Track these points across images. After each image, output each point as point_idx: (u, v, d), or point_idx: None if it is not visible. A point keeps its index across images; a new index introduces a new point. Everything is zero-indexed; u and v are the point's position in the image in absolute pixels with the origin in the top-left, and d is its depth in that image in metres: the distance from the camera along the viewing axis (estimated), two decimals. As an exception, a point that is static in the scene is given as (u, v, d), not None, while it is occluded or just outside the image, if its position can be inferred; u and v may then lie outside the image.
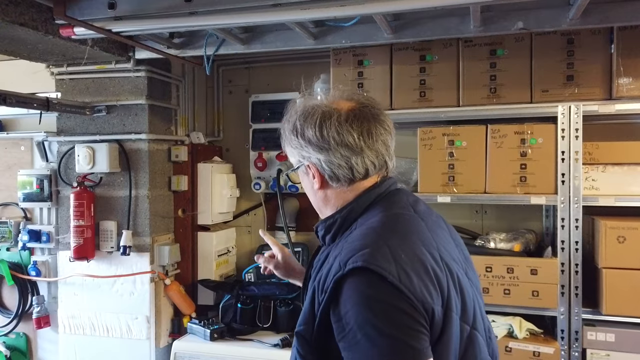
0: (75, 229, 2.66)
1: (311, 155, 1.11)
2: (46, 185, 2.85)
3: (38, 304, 2.93)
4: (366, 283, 0.94)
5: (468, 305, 1.04)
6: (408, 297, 0.92)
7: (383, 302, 0.92)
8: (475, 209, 2.78)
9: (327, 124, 1.09)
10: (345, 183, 1.11)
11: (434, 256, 1.02)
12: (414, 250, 1.00)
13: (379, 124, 1.12)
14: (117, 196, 2.75)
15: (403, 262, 0.95)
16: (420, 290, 0.94)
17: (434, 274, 0.98)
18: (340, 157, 1.09)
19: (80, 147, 2.67)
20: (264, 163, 2.93)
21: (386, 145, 1.14)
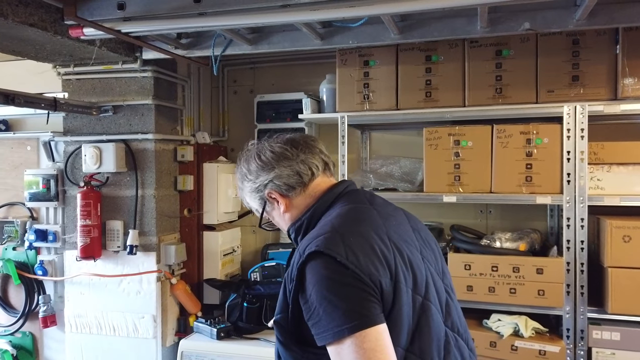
0: (82, 228, 2.67)
1: (266, 180, 1.28)
2: (52, 185, 2.86)
3: (44, 303, 2.94)
4: (321, 264, 1.08)
5: (419, 279, 1.18)
6: (355, 272, 1.06)
7: (335, 279, 1.06)
8: (479, 208, 2.80)
9: (263, 152, 1.29)
10: (299, 188, 1.28)
11: (382, 238, 1.16)
12: (363, 234, 1.14)
13: (306, 139, 1.33)
14: (123, 196, 2.76)
15: (351, 243, 1.10)
16: (367, 266, 1.08)
17: (381, 252, 1.12)
18: (284, 167, 1.27)
19: (87, 147, 2.68)
20: (269, 163, 2.95)
21: (321, 150, 1.32)
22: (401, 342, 1.10)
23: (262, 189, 1.29)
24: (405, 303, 1.12)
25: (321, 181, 1.30)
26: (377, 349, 1.03)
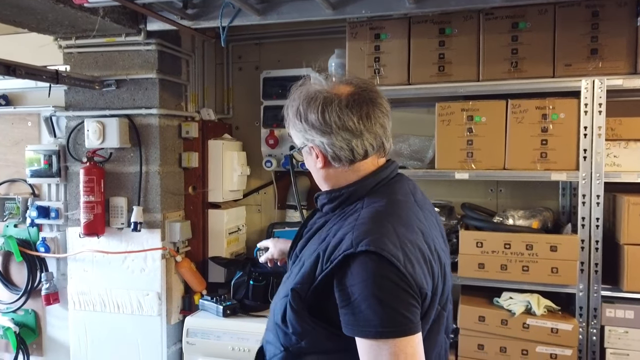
0: (85, 204, 2.63)
1: (314, 138, 1.19)
2: (54, 161, 2.81)
3: (47, 281, 2.90)
4: (376, 265, 1.04)
5: (446, 291, 1.20)
6: (409, 281, 1.04)
7: (389, 280, 1.04)
8: (490, 186, 2.75)
9: (328, 109, 1.16)
10: (347, 163, 1.20)
11: (430, 246, 1.15)
12: (416, 240, 1.12)
13: (376, 107, 1.19)
14: (127, 172, 2.70)
15: (408, 250, 1.07)
16: (419, 277, 1.07)
17: (430, 263, 1.12)
18: (341, 139, 1.17)
19: (90, 121, 2.62)
20: (275, 140, 2.89)
21: (384, 127, 1.20)
22: None
23: (309, 139, 1.20)
24: (431, 316, 1.14)
25: (370, 161, 1.21)
26: (416, 356, 1.04)
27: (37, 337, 3.05)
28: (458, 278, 2.29)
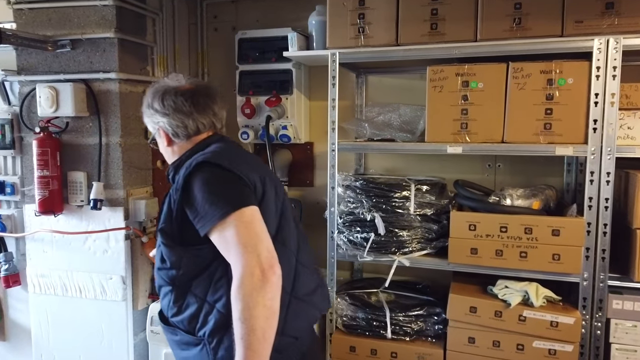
0: (39, 179, 2.38)
1: (159, 120, 1.51)
2: (8, 131, 2.55)
3: (6, 261, 2.68)
4: (207, 171, 1.36)
5: (279, 194, 1.49)
6: (237, 174, 1.36)
7: (220, 179, 1.35)
8: (487, 162, 2.49)
9: (166, 97, 1.49)
10: (184, 138, 1.52)
11: (253, 160, 1.52)
12: (239, 155, 1.50)
13: (207, 97, 1.52)
14: (86, 144, 2.44)
15: (232, 159, 1.40)
16: (245, 170, 1.38)
17: (253, 167, 1.44)
18: (177, 119, 1.48)
19: (42, 87, 2.34)
20: (252, 109, 2.62)
21: (213, 112, 1.53)
22: (270, 230, 1.34)
23: (155, 122, 1.53)
24: (271, 200, 1.43)
25: (203, 135, 1.53)
26: (254, 222, 1.30)
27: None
28: (448, 264, 2.06)
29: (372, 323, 2.20)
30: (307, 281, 1.51)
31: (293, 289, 1.45)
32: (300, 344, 1.47)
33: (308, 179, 2.85)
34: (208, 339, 1.38)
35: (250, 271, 1.22)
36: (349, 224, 2.24)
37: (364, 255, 2.18)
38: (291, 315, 1.43)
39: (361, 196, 2.20)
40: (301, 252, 1.52)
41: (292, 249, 1.49)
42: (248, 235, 1.26)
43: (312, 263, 1.60)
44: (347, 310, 2.25)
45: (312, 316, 1.54)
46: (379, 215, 2.14)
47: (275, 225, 1.43)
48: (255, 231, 1.28)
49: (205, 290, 1.39)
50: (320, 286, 1.59)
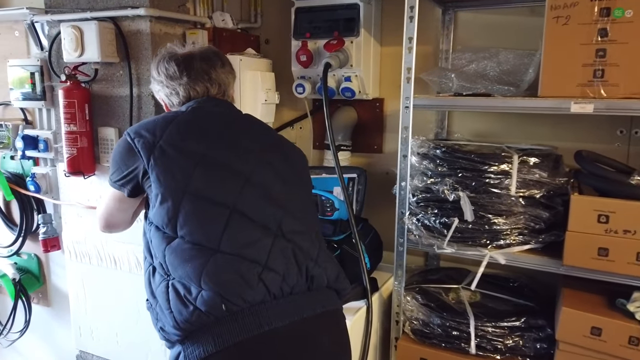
0: (67, 136, 2.08)
1: (158, 90, 1.54)
2: (38, 80, 2.27)
3: (44, 224, 2.47)
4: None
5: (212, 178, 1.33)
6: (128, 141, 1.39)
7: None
8: (619, 126, 1.84)
9: (161, 65, 1.49)
10: (178, 106, 1.50)
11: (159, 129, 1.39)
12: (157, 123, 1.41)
13: (205, 62, 1.48)
14: (116, 95, 2.10)
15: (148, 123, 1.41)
16: (141, 136, 1.37)
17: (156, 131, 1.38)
18: (170, 86, 1.48)
19: (65, 27, 2.00)
20: (309, 56, 2.13)
21: (210, 77, 1.48)
22: (174, 182, 1.31)
23: (156, 92, 1.55)
24: (172, 158, 1.33)
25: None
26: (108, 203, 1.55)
27: (41, 285, 2.69)
28: (561, 266, 1.50)
29: (450, 332, 1.71)
30: (242, 234, 1.27)
31: (219, 243, 1.25)
32: (232, 306, 1.21)
33: (376, 144, 2.34)
34: (150, 299, 1.38)
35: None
36: (424, 204, 1.73)
37: (443, 246, 1.67)
38: (210, 268, 1.22)
39: (442, 168, 1.67)
40: (244, 202, 1.29)
41: (217, 199, 1.29)
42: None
43: (275, 215, 1.32)
44: (419, 313, 1.77)
45: (245, 271, 1.24)
46: (467, 195, 1.61)
47: (185, 177, 1.30)
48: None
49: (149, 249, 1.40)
50: (271, 240, 1.29)
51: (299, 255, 1.31)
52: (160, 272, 1.31)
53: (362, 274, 1.81)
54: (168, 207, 1.28)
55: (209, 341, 1.20)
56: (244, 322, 1.20)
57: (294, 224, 1.34)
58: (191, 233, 1.25)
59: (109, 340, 2.37)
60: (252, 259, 1.25)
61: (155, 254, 1.32)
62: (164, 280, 1.29)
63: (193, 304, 1.21)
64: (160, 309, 1.28)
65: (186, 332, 1.22)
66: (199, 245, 1.24)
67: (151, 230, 1.34)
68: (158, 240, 1.30)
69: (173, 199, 1.28)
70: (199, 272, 1.21)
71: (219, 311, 1.19)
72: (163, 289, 1.27)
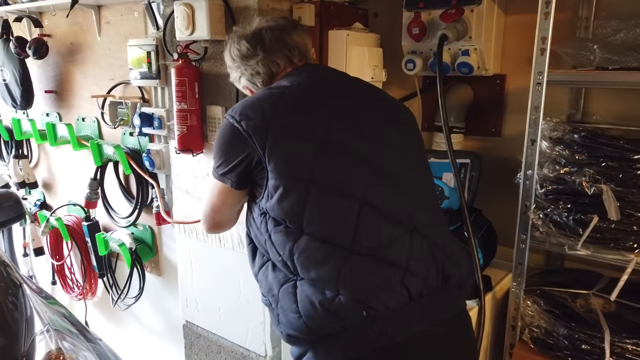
0: (178, 113, 2.13)
1: (237, 76, 1.46)
2: (153, 59, 2.35)
3: (157, 198, 2.59)
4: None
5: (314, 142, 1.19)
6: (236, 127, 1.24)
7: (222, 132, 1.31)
8: None
9: (232, 48, 1.42)
10: (262, 85, 1.40)
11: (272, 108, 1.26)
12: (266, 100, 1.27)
13: (277, 32, 1.37)
14: (224, 74, 2.07)
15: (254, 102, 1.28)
16: (252, 119, 1.22)
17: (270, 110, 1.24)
18: (248, 67, 1.39)
19: (178, 5, 2.03)
20: (421, 28, 1.95)
21: (286, 44, 1.37)
22: (298, 172, 1.18)
23: (237, 80, 1.49)
24: (292, 142, 1.20)
25: (281, 74, 1.38)
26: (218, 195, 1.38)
27: (154, 255, 2.85)
28: None
29: (579, 346, 1.48)
30: (375, 231, 1.15)
31: (353, 242, 1.13)
32: (382, 320, 1.10)
33: (494, 126, 2.11)
34: (268, 297, 1.28)
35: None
36: (554, 197, 1.50)
37: (577, 247, 1.44)
38: (349, 273, 1.12)
39: (581, 156, 1.43)
40: (374, 194, 1.16)
41: (347, 191, 1.16)
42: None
43: (408, 207, 1.19)
44: (540, 319, 1.56)
45: (388, 276, 1.13)
46: (610, 188, 1.36)
47: (308, 165, 1.17)
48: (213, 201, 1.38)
49: (263, 241, 1.31)
50: (409, 238, 1.15)
51: (436, 253, 1.18)
52: (285, 270, 1.20)
53: (475, 271, 1.63)
54: (292, 202, 1.16)
55: (346, 347, 1.12)
56: (384, 327, 1.10)
57: (425, 215, 1.20)
58: (320, 230, 1.14)
59: (212, 314, 2.44)
60: (392, 260, 1.13)
61: (278, 250, 1.20)
62: (290, 280, 1.19)
63: (328, 308, 1.11)
64: (284, 311, 1.20)
65: (317, 336, 1.15)
66: (330, 243, 1.13)
67: (267, 223, 1.22)
68: (281, 237, 1.18)
69: (297, 192, 1.16)
70: (334, 276, 1.11)
71: (358, 317, 1.10)
72: (289, 290, 1.18)
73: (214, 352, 2.50)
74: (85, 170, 3.04)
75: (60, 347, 1.31)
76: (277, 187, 1.17)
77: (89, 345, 1.43)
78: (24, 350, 1.32)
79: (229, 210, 1.40)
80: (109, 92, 2.72)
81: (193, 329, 2.57)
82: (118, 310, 3.10)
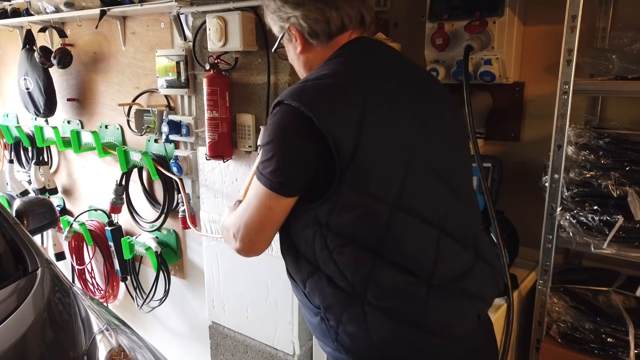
0: (209, 121, 2.21)
1: (289, 15, 1.13)
2: (182, 69, 2.43)
3: (183, 203, 2.67)
4: (277, 116, 1.05)
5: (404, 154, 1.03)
6: (315, 125, 0.97)
7: (283, 130, 1.04)
8: None
9: None
10: (325, 39, 1.13)
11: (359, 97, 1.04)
12: (344, 89, 1.04)
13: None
14: (254, 83, 2.19)
15: (328, 92, 1.02)
16: (332, 115, 0.99)
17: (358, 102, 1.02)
18: (314, 9, 1.09)
19: (211, 17, 2.11)
20: (445, 39, 2.04)
21: (364, 2, 1.12)
22: (384, 193, 1.01)
23: (284, 17, 1.15)
24: (382, 151, 1.01)
25: (347, 36, 1.13)
26: (267, 210, 1.10)
27: (178, 259, 2.92)
28: None
29: (605, 339, 1.57)
30: (453, 261, 1.09)
31: (432, 273, 1.05)
32: (452, 346, 1.09)
33: (513, 132, 2.20)
34: (325, 313, 1.10)
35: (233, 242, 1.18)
36: (580, 199, 1.59)
37: (603, 246, 1.53)
38: (431, 308, 1.05)
39: (606, 160, 1.52)
40: (450, 218, 1.08)
41: (430, 216, 1.05)
42: (253, 214, 1.10)
43: (471, 230, 1.14)
44: (567, 315, 1.65)
45: (467, 309, 1.11)
46: (635, 190, 1.45)
47: (397, 184, 1.01)
48: (259, 218, 1.10)
49: (311, 251, 1.11)
50: (477, 265, 1.12)
51: (496, 276, 1.18)
52: (348, 290, 1.05)
53: (503, 269, 1.72)
54: (372, 225, 1.01)
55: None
56: (452, 352, 1.10)
57: (483, 237, 1.16)
58: (400, 259, 1.03)
59: (239, 314, 2.52)
60: (471, 293, 1.08)
61: (344, 272, 1.04)
62: (356, 303, 1.05)
63: (405, 340, 1.05)
64: (348, 334, 1.07)
65: (387, 357, 1.08)
66: (409, 273, 1.03)
67: (325, 238, 1.04)
68: (349, 259, 1.03)
69: (380, 215, 1.00)
70: (415, 310, 1.04)
71: (428, 346, 1.07)
72: (357, 314, 1.05)
73: (240, 352, 2.58)
74: (106, 176, 3.12)
75: (121, 345, 1.39)
76: (355, 206, 0.99)
77: (142, 344, 1.50)
78: (85, 349, 1.40)
79: (273, 225, 1.11)
80: (134, 100, 2.79)
81: (219, 329, 2.64)
82: (139, 313, 3.17)
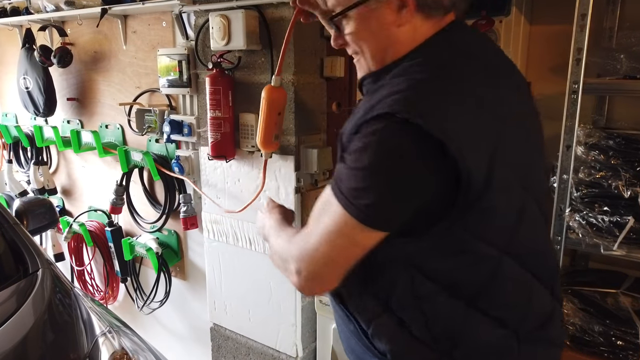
0: (211, 121, 2.19)
1: None
2: (184, 68, 2.40)
3: (184, 203, 2.64)
4: (385, 136, 0.82)
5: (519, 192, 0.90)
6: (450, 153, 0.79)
7: (398, 160, 0.82)
8: None
9: None
10: (439, 13, 0.90)
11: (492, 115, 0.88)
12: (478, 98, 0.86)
13: None
14: (257, 82, 2.16)
15: (463, 105, 0.83)
16: (471, 138, 0.81)
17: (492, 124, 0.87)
18: None
19: (214, 16, 2.09)
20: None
21: None
22: (497, 238, 0.86)
23: None
24: (507, 189, 0.85)
25: (451, 17, 0.93)
26: (348, 241, 0.89)
27: (179, 260, 2.89)
28: None
29: (614, 342, 1.55)
30: (539, 306, 0.96)
31: (521, 323, 0.92)
32: None
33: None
34: (380, 344, 0.97)
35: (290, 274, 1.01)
36: (590, 200, 1.57)
37: (613, 247, 1.51)
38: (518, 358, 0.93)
39: (616, 161, 1.50)
40: (542, 257, 0.96)
41: (528, 258, 0.90)
42: (329, 250, 0.88)
43: (553, 268, 1.03)
44: (575, 317, 1.63)
45: (548, 356, 0.99)
46: (646, 191, 1.44)
47: (510, 226, 0.85)
48: (337, 253, 0.88)
49: (387, 290, 0.95)
50: (556, 308, 1.01)
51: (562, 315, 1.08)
52: (432, 346, 0.91)
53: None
54: (476, 272, 0.87)
55: None
56: None
57: (558, 272, 1.05)
58: (495, 308, 0.90)
59: (241, 316, 2.49)
60: (551, 340, 0.97)
61: (428, 321, 0.90)
62: (433, 355, 0.92)
63: None
64: None
65: None
66: (505, 327, 0.90)
67: (413, 279, 0.89)
68: (444, 309, 0.88)
69: (485, 261, 0.86)
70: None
71: None
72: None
73: (242, 354, 2.55)
74: (106, 176, 3.09)
75: (124, 347, 1.36)
76: (467, 252, 0.85)
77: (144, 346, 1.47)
78: (87, 352, 1.37)
79: (348, 261, 0.89)
80: (135, 100, 2.77)
81: (221, 331, 2.62)
82: (139, 315, 3.14)
